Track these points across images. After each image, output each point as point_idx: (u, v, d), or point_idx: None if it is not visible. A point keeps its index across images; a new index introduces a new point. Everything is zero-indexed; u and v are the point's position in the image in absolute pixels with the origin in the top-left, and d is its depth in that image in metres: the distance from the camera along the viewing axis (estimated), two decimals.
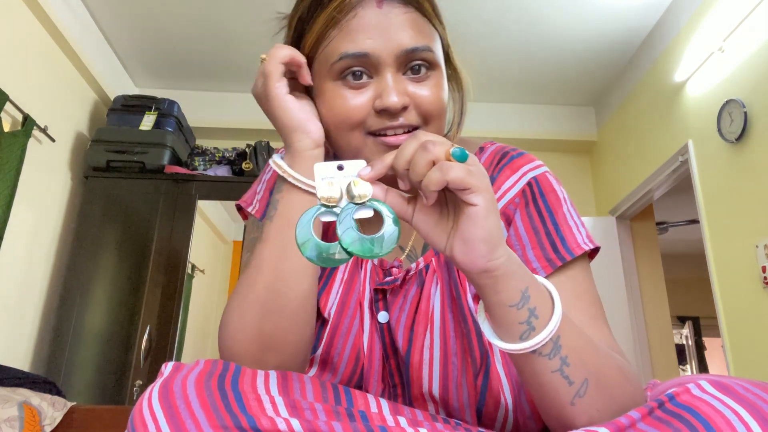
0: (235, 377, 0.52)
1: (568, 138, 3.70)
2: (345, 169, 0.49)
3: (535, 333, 0.50)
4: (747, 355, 2.30)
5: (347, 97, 0.63)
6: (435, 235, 0.50)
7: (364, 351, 0.67)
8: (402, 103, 0.62)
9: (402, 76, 0.63)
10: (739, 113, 2.30)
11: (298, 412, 0.51)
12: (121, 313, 2.68)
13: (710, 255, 2.53)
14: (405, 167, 0.48)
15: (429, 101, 0.64)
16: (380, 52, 0.62)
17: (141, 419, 0.48)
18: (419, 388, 0.64)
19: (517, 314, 0.50)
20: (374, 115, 0.63)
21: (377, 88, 0.63)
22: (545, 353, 0.51)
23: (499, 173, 0.71)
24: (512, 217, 0.69)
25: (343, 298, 0.69)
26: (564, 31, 3.03)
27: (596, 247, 0.67)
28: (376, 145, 0.64)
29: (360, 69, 0.62)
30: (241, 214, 0.80)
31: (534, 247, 0.66)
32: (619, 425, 0.47)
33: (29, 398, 1.74)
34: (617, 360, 0.56)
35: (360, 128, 0.63)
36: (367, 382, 0.66)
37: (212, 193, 2.97)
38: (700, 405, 0.46)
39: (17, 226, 2.41)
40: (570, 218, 0.68)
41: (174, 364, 0.55)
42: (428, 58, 0.64)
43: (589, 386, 0.52)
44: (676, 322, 6.61)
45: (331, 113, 0.64)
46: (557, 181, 0.71)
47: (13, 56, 2.38)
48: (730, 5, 2.41)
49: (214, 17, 2.96)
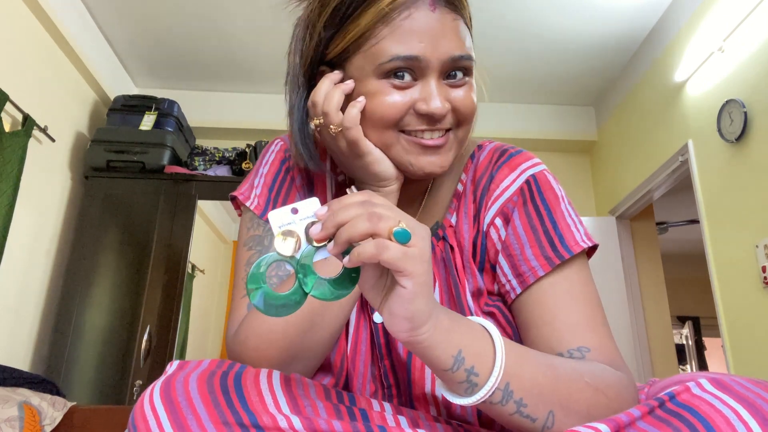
0: (239, 375, 0.52)
1: (568, 138, 3.70)
2: (300, 211, 0.49)
3: (477, 388, 0.50)
4: (747, 355, 2.30)
5: (390, 95, 0.64)
6: (370, 293, 0.50)
7: (347, 354, 0.67)
8: (446, 109, 0.64)
9: (443, 81, 0.65)
10: (739, 113, 2.30)
11: (300, 409, 0.51)
12: (121, 313, 2.68)
13: (710, 255, 2.53)
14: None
15: (465, 106, 0.66)
16: (429, 56, 0.63)
17: (142, 415, 0.48)
18: (421, 388, 0.64)
19: (453, 376, 0.50)
20: (414, 115, 0.64)
21: (421, 91, 0.64)
22: (496, 401, 0.51)
23: (497, 171, 0.72)
24: (510, 216, 0.69)
25: (327, 303, 0.70)
26: (564, 31, 3.02)
27: (594, 245, 0.67)
28: (410, 144, 0.65)
29: (407, 71, 0.64)
30: (234, 204, 0.79)
31: (532, 246, 0.66)
32: (619, 422, 0.47)
33: (29, 398, 1.74)
34: (588, 376, 0.55)
35: (395, 126, 0.65)
36: (351, 384, 0.66)
37: (212, 193, 2.97)
38: (699, 404, 0.46)
39: (17, 226, 2.41)
40: (568, 216, 0.68)
41: (179, 363, 0.55)
42: (468, 66, 0.66)
43: (556, 416, 0.52)
44: (676, 322, 6.61)
45: (371, 109, 0.65)
46: (555, 180, 0.71)
47: (13, 56, 2.38)
48: (730, 5, 2.41)
49: (214, 17, 2.96)
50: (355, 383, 0.66)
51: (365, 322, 0.68)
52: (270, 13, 2.92)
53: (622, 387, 0.56)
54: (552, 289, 0.64)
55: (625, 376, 0.58)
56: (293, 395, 0.52)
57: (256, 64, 3.33)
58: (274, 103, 3.59)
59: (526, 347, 0.55)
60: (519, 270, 0.66)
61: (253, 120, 3.54)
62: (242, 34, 3.08)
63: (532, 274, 0.65)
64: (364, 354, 0.67)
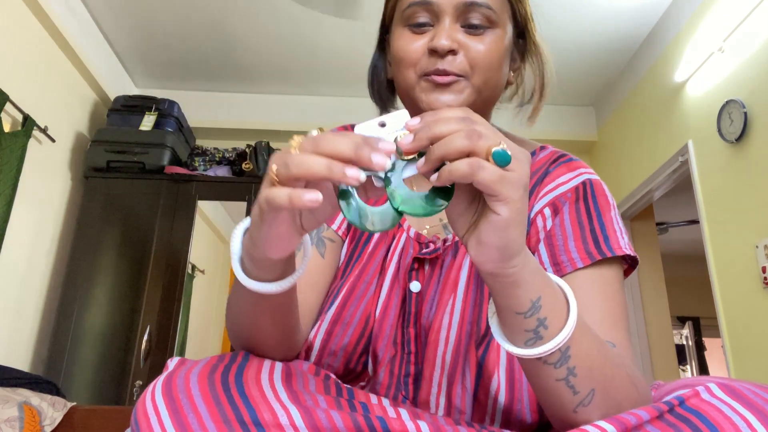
0: (240, 370, 0.52)
1: (568, 138, 3.70)
2: (387, 124, 0.45)
3: (541, 342, 0.49)
4: (747, 355, 2.30)
5: (409, 39, 0.70)
6: (457, 222, 0.48)
7: (375, 315, 0.68)
8: (450, 46, 0.67)
9: (459, 26, 0.69)
10: (739, 113, 2.30)
11: (300, 400, 0.51)
12: (121, 313, 2.68)
13: (710, 255, 2.53)
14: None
15: (478, 51, 0.68)
16: (441, 0, 0.68)
17: (144, 413, 0.48)
18: (434, 350, 0.65)
19: (524, 322, 0.48)
20: (427, 55, 0.69)
21: (434, 32, 0.69)
22: (551, 362, 0.49)
23: (555, 168, 0.73)
24: (560, 209, 0.69)
25: (363, 266, 0.72)
26: (564, 31, 3.02)
27: (635, 259, 0.67)
28: (425, 82, 0.69)
29: (424, 17, 0.70)
30: None
31: (576, 239, 0.66)
32: (626, 424, 0.47)
33: (29, 398, 1.74)
34: (628, 368, 0.55)
35: (414, 68, 0.70)
36: (375, 344, 0.67)
37: (212, 193, 2.98)
38: (708, 410, 0.46)
39: (17, 226, 2.41)
40: (616, 224, 0.68)
41: (179, 360, 0.55)
42: (487, 15, 0.69)
43: (596, 396, 0.51)
44: (676, 322, 6.61)
45: (394, 53, 0.72)
46: (608, 191, 0.73)
47: (13, 56, 2.38)
48: (730, 5, 2.41)
49: (214, 17, 2.96)
50: (380, 343, 0.67)
51: (398, 290, 0.70)
52: (270, 13, 2.92)
53: (647, 388, 0.56)
54: (587, 283, 0.63)
55: (645, 378, 0.58)
56: (294, 390, 0.52)
57: (256, 64, 3.33)
58: (274, 103, 3.59)
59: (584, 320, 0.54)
60: (557, 259, 0.66)
61: (253, 120, 3.54)
62: (242, 34, 3.08)
63: (570, 264, 0.64)
64: (392, 318, 0.68)
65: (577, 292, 0.62)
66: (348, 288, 0.70)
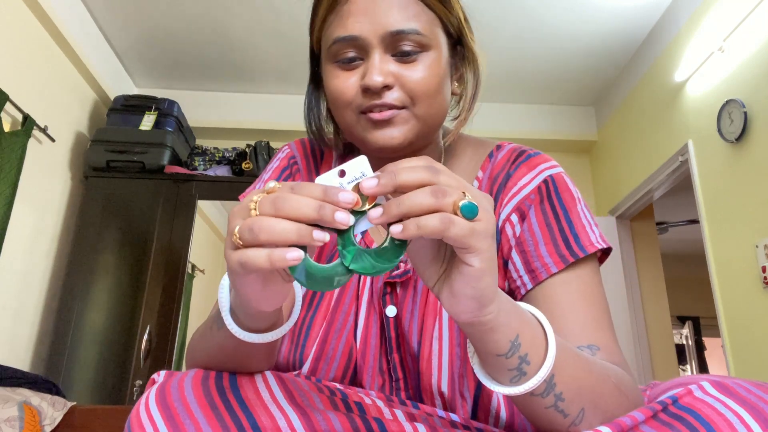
0: (233, 376, 0.52)
1: (568, 138, 3.70)
2: (347, 173, 0.43)
3: (526, 378, 0.48)
4: (747, 355, 2.30)
5: (340, 78, 0.67)
6: (425, 273, 0.46)
7: (356, 347, 0.67)
8: (383, 82, 0.64)
9: (390, 57, 0.65)
10: (739, 113, 2.30)
11: (296, 401, 0.50)
12: (121, 313, 2.68)
13: (710, 255, 2.53)
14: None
15: (414, 81, 0.65)
16: (367, 34, 0.64)
17: (138, 422, 0.47)
18: (428, 379, 0.64)
19: (506, 362, 0.48)
20: (361, 94, 0.66)
21: (365, 68, 0.65)
22: (538, 393, 0.49)
23: (515, 170, 0.72)
24: (527, 213, 0.69)
25: (338, 296, 0.70)
26: (564, 31, 3.02)
27: (608, 248, 0.67)
28: (365, 121, 0.66)
29: (353, 52, 0.66)
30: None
31: (547, 243, 0.66)
32: (622, 426, 0.47)
33: (29, 398, 1.74)
34: (614, 377, 0.54)
35: (350, 107, 0.67)
36: (361, 376, 0.66)
37: (212, 193, 2.97)
38: (701, 407, 0.46)
39: (17, 226, 2.41)
40: (584, 217, 0.68)
41: (166, 372, 0.54)
42: (416, 40, 0.65)
43: (586, 413, 0.50)
44: (676, 322, 6.61)
45: (328, 93, 0.69)
46: (572, 182, 0.72)
47: (13, 56, 2.38)
48: (730, 5, 2.41)
49: (214, 17, 2.96)
50: (365, 377, 0.66)
51: (375, 316, 0.68)
52: (270, 13, 2.92)
53: (637, 391, 0.55)
54: (564, 287, 0.63)
55: (633, 379, 0.58)
56: (289, 390, 0.52)
57: (256, 64, 3.33)
58: (274, 103, 3.59)
59: (563, 339, 0.53)
60: (532, 266, 0.65)
61: (253, 120, 3.54)
62: (242, 34, 3.07)
63: (545, 270, 0.64)
64: (374, 348, 0.67)
65: (556, 297, 0.63)
66: (327, 321, 0.68)
